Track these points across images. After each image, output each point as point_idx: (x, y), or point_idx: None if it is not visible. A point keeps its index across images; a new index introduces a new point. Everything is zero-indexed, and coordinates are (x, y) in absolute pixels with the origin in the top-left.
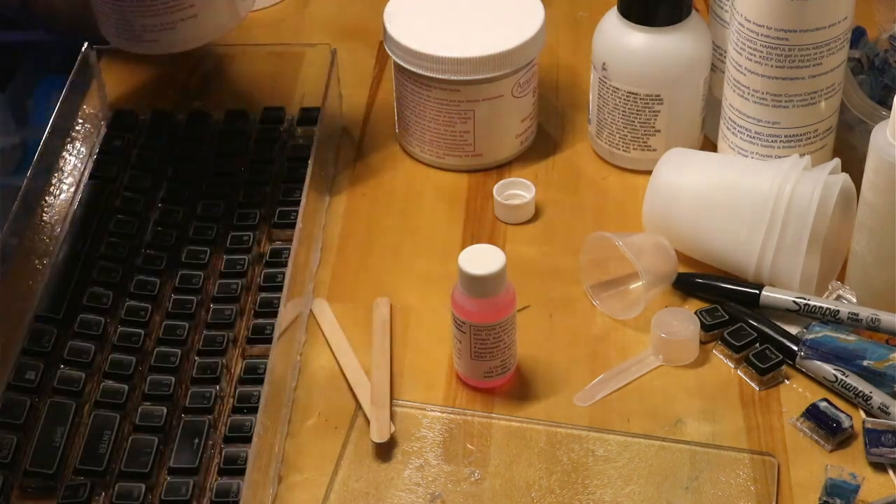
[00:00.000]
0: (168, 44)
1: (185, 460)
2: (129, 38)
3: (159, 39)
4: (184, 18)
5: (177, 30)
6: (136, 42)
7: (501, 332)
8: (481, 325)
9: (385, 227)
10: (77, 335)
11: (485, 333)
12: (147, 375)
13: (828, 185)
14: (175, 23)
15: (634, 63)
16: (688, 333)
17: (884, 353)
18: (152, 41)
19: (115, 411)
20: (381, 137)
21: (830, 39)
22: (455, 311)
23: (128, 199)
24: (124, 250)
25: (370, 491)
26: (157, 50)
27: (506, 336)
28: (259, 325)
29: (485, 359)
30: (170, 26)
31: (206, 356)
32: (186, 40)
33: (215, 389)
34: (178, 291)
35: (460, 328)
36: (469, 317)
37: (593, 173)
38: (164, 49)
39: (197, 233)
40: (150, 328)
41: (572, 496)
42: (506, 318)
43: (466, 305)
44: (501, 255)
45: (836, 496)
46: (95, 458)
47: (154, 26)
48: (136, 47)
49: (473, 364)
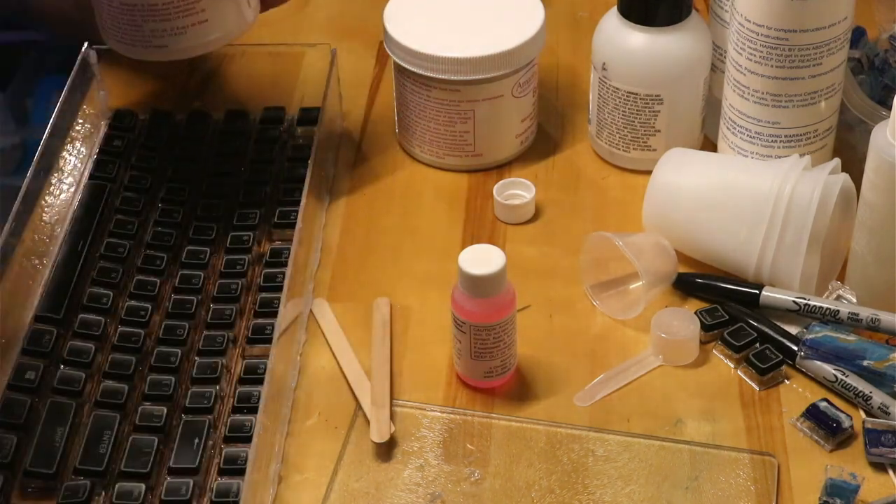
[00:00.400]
0: (175, 50)
1: (185, 460)
2: (135, 44)
3: (168, 45)
4: (194, 23)
5: (186, 34)
6: (143, 47)
7: (501, 332)
8: (481, 325)
9: (385, 227)
10: (77, 335)
11: (485, 333)
12: (147, 375)
13: (828, 185)
14: (185, 28)
15: (634, 63)
16: (688, 333)
17: (884, 353)
18: (160, 46)
19: (115, 411)
20: (381, 137)
21: (830, 39)
22: (455, 311)
23: (128, 199)
24: (124, 250)
25: (370, 491)
26: (163, 56)
27: (506, 336)
28: (259, 325)
29: (485, 359)
30: (179, 31)
31: (206, 356)
32: (194, 46)
33: (215, 389)
34: (178, 291)
35: (460, 328)
36: (469, 317)
37: (593, 173)
38: (171, 55)
39: (197, 233)
40: (150, 328)
41: (572, 496)
42: (506, 318)
43: (466, 305)
44: (501, 256)
45: (836, 496)
46: (95, 458)
47: (164, 30)
48: (143, 53)
49: (473, 364)
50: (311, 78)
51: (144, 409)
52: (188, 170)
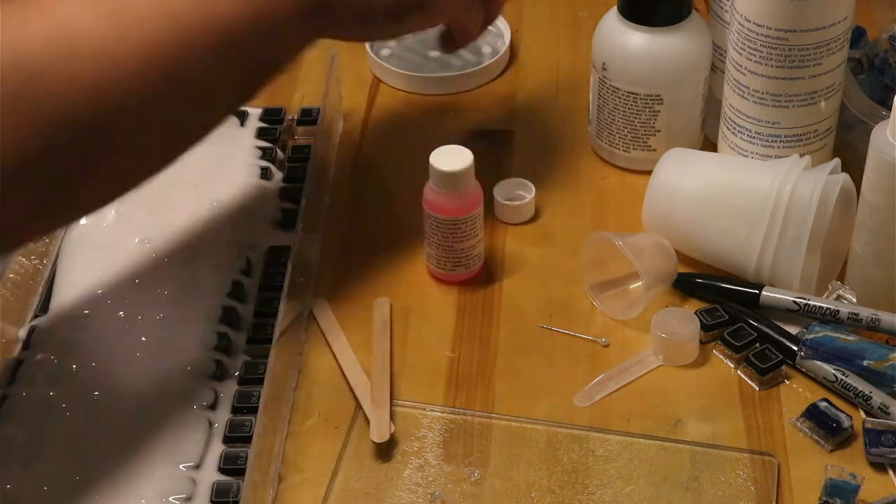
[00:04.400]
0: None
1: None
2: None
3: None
4: None
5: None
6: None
7: (470, 226)
8: (451, 219)
9: (385, 227)
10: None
11: (455, 226)
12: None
13: (828, 185)
14: None
15: (634, 63)
16: (688, 333)
17: (884, 353)
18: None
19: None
20: (381, 137)
21: (830, 39)
22: (427, 208)
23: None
24: None
25: (370, 491)
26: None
27: (473, 231)
28: (259, 325)
29: (455, 252)
30: None
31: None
32: None
33: (215, 389)
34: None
35: (431, 224)
36: (440, 211)
37: (593, 173)
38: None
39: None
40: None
41: (572, 496)
42: (474, 213)
43: (437, 200)
44: (470, 154)
45: (836, 496)
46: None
47: None
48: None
49: (444, 258)
50: (311, 78)
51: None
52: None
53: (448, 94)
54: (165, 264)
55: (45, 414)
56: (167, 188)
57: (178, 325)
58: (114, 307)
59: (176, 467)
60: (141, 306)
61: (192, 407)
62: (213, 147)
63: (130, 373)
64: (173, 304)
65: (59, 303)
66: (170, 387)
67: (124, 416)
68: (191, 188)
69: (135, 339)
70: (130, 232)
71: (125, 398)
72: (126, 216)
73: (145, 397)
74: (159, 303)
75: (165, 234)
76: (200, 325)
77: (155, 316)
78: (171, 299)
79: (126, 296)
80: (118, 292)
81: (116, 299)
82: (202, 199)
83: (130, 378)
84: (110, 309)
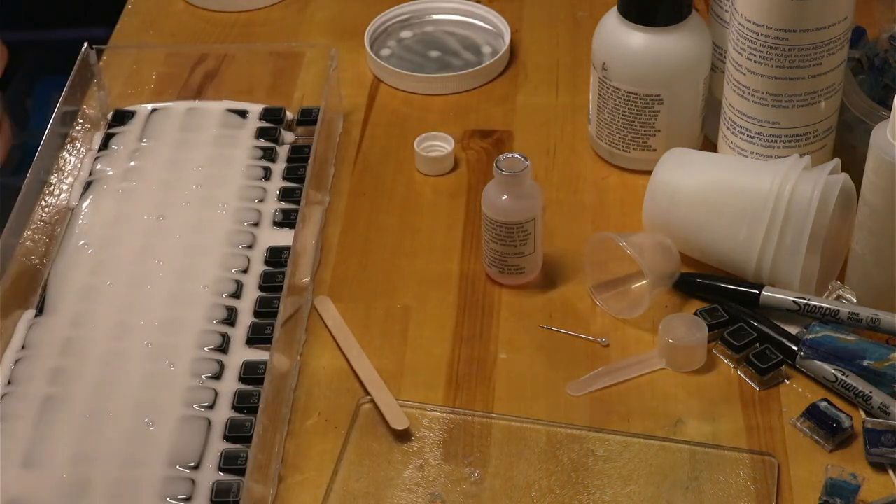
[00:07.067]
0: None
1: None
2: None
3: None
4: None
5: None
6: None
7: (529, 229)
8: (511, 222)
9: (385, 227)
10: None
11: (514, 230)
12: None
13: (828, 185)
14: None
15: (634, 63)
16: (694, 339)
17: (884, 353)
18: None
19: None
20: (381, 137)
21: (830, 39)
22: (486, 210)
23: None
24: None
25: (370, 491)
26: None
27: (534, 234)
28: (259, 325)
29: (513, 256)
30: None
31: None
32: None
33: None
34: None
35: (492, 227)
36: (500, 214)
37: (593, 173)
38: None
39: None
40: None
41: (572, 496)
42: (534, 216)
43: (499, 203)
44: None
45: (836, 496)
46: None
47: None
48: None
49: (502, 262)
50: (311, 78)
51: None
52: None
53: (448, 94)
54: (165, 264)
55: (45, 414)
56: (167, 188)
57: (177, 326)
58: (113, 307)
59: (175, 467)
60: (141, 306)
61: (192, 407)
62: (213, 147)
63: (130, 373)
64: (173, 304)
65: (59, 303)
66: (170, 387)
67: (124, 416)
68: (191, 188)
69: (134, 339)
70: (130, 232)
71: (125, 398)
72: (126, 216)
73: (145, 397)
74: (159, 303)
75: (165, 235)
76: (200, 325)
77: (155, 316)
78: (170, 299)
79: (126, 296)
80: (118, 292)
81: (116, 299)
82: (202, 198)
83: (130, 378)
84: (110, 309)
